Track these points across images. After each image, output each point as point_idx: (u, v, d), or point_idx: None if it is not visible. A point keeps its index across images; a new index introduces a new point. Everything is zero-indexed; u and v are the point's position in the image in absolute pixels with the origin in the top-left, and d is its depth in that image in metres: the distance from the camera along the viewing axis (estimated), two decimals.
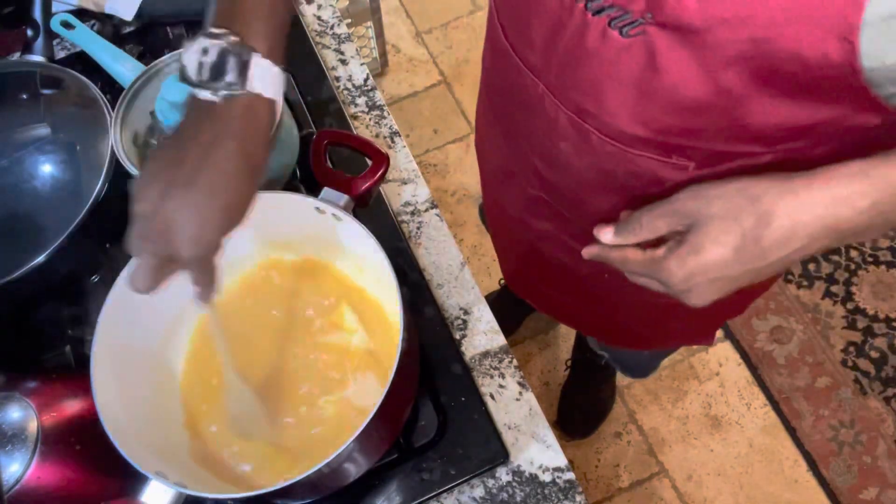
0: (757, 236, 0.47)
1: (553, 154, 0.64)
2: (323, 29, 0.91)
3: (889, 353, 1.54)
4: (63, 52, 0.92)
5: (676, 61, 0.46)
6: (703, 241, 0.49)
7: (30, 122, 0.78)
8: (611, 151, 0.57)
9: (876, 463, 1.44)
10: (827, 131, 0.48)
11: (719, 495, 1.43)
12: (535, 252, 0.84)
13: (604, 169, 0.59)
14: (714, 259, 0.48)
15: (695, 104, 0.48)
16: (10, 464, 0.56)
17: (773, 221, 0.46)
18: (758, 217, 0.46)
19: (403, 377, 0.55)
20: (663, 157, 0.55)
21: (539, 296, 0.98)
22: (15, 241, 0.75)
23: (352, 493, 0.64)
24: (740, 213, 0.47)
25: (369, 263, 0.66)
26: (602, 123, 0.55)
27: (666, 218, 0.52)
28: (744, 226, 0.47)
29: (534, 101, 0.61)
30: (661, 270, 0.52)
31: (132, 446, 0.52)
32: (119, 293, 0.58)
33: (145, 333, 0.62)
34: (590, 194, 0.65)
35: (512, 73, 0.62)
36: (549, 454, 0.66)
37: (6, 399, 0.58)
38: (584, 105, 0.55)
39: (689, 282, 0.50)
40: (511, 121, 0.70)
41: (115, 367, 0.57)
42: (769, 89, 0.45)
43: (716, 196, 0.49)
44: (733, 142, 0.51)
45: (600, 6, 0.48)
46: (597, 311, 0.90)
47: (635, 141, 0.54)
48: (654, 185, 0.58)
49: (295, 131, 0.77)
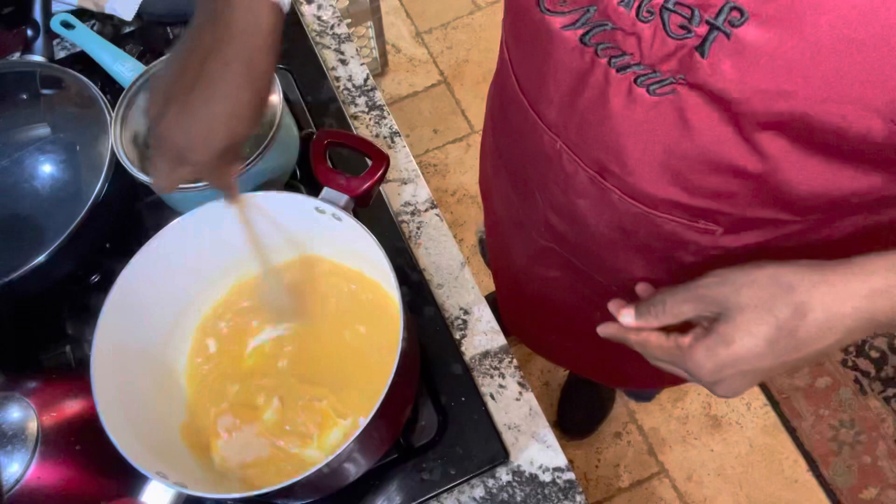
0: (792, 328, 0.43)
1: (568, 209, 0.61)
2: (323, 29, 0.91)
3: (889, 353, 1.54)
4: (63, 52, 0.92)
5: (709, 121, 0.44)
6: (735, 333, 0.45)
7: (30, 122, 0.78)
8: (634, 212, 0.54)
9: (876, 463, 1.44)
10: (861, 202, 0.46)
11: (719, 495, 1.43)
12: (540, 298, 0.80)
13: (625, 229, 0.57)
14: (746, 351, 0.45)
15: (726, 165, 0.46)
16: (10, 464, 0.56)
17: (809, 314, 0.43)
18: (794, 308, 0.43)
19: (403, 377, 0.55)
20: (690, 221, 0.52)
21: (533, 338, 0.96)
22: (15, 241, 0.75)
23: (352, 493, 0.64)
24: (774, 304, 0.44)
25: (369, 263, 0.66)
26: (625, 184, 0.53)
27: (692, 303, 0.48)
28: (778, 317, 0.44)
29: (550, 156, 0.58)
30: (687, 360, 0.48)
31: (132, 446, 0.52)
32: (119, 293, 0.58)
33: (145, 333, 0.62)
34: (608, 251, 0.62)
35: (527, 126, 0.59)
36: (549, 454, 0.66)
37: (6, 399, 0.58)
38: (607, 164, 0.53)
39: (719, 374, 0.47)
40: (523, 172, 0.67)
41: (115, 367, 0.57)
42: (806, 155, 0.43)
43: (746, 284, 0.45)
44: (765, 207, 0.48)
45: (626, 63, 0.45)
46: (600, 358, 0.87)
47: (661, 203, 0.52)
48: (679, 249, 0.56)
49: (295, 131, 0.77)
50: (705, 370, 0.47)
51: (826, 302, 0.43)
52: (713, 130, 0.44)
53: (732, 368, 0.46)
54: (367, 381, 0.64)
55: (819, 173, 0.44)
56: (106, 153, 0.70)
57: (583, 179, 0.56)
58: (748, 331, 0.45)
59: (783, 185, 0.45)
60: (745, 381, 0.47)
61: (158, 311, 0.63)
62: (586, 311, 0.73)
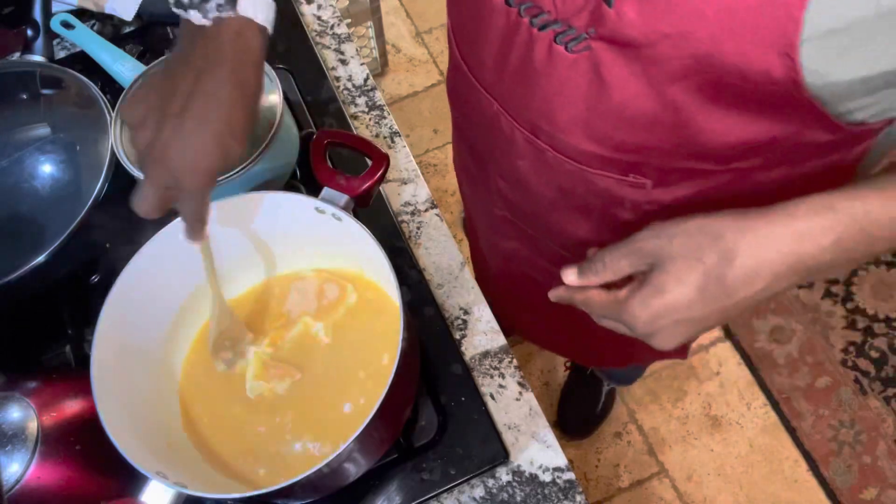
0: (720, 275, 0.44)
1: (513, 173, 0.63)
2: (323, 29, 0.91)
3: (889, 353, 1.54)
4: (63, 52, 0.92)
5: (623, 77, 0.45)
6: (666, 281, 0.46)
7: (30, 122, 0.78)
8: (568, 170, 0.56)
9: (876, 463, 1.44)
10: (782, 149, 0.47)
11: (719, 495, 1.43)
12: (506, 274, 0.83)
13: (562, 188, 0.59)
14: (678, 299, 0.46)
15: (644, 120, 0.47)
16: (10, 464, 0.56)
17: (736, 259, 0.44)
18: (721, 255, 0.44)
19: (403, 377, 0.55)
20: (620, 176, 0.54)
21: (510, 316, 0.97)
22: (15, 241, 0.75)
23: (352, 493, 0.64)
24: (702, 251, 0.45)
25: (369, 263, 0.66)
26: (556, 141, 0.54)
27: (628, 258, 0.49)
28: (706, 264, 0.44)
29: (491, 119, 0.60)
30: (623, 312, 0.49)
31: (132, 446, 0.52)
32: (119, 293, 0.58)
33: (145, 333, 0.62)
34: (552, 213, 0.64)
35: (470, 92, 0.61)
36: (549, 454, 0.66)
37: (6, 399, 0.58)
38: (538, 122, 0.55)
39: (654, 324, 0.48)
40: (474, 141, 0.69)
41: (115, 367, 0.57)
42: (716, 105, 0.44)
43: (677, 234, 0.46)
44: (687, 158, 0.49)
45: (545, 21, 0.47)
46: (568, 332, 0.89)
47: (590, 158, 0.53)
48: (615, 204, 0.57)
49: (295, 131, 0.77)
50: (640, 321, 0.48)
51: (752, 247, 0.44)
52: (627, 86, 0.46)
53: (666, 318, 0.47)
54: (368, 382, 0.64)
55: (732, 122, 0.45)
56: (106, 153, 0.70)
57: (520, 140, 0.58)
58: (678, 279, 0.46)
59: (699, 136, 0.47)
60: (680, 331, 0.48)
61: (158, 311, 0.63)
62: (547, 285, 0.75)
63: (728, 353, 1.56)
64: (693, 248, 0.45)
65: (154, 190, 0.50)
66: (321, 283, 0.68)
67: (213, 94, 0.48)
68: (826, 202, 0.43)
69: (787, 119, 0.44)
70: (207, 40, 0.48)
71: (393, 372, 0.52)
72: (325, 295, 0.68)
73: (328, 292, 0.68)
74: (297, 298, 0.68)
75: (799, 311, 1.58)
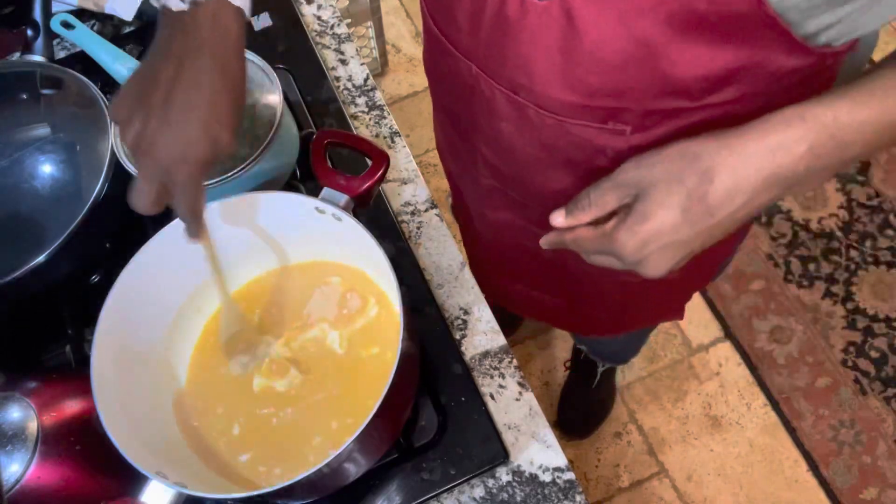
0: (702, 194, 0.46)
1: (496, 137, 0.64)
2: (323, 29, 0.91)
3: (889, 353, 1.54)
4: (63, 52, 0.92)
5: (593, 18, 0.46)
6: (650, 207, 0.48)
7: (30, 122, 0.78)
8: (549, 124, 0.57)
9: (876, 463, 1.44)
10: (751, 79, 0.48)
11: (719, 495, 1.43)
12: (497, 246, 0.84)
13: (546, 144, 0.59)
14: (663, 223, 0.47)
15: (617, 59, 0.48)
16: (10, 464, 0.56)
17: (716, 178, 0.46)
18: (700, 175, 0.46)
19: (403, 377, 0.55)
20: (599, 124, 0.54)
21: (506, 292, 0.98)
22: (15, 241, 0.75)
23: (352, 493, 0.64)
24: (683, 174, 0.46)
25: (369, 263, 0.66)
26: (536, 95, 0.55)
27: (613, 191, 0.50)
28: (687, 185, 0.46)
29: (471, 84, 0.61)
30: (612, 243, 0.50)
31: (132, 446, 0.52)
32: (119, 293, 0.58)
33: (146, 333, 0.62)
34: (537, 174, 0.64)
35: (446, 58, 0.62)
36: (549, 454, 0.66)
37: (6, 399, 0.58)
38: (517, 79, 0.55)
39: (642, 251, 0.49)
40: (455, 111, 0.69)
41: (115, 367, 0.57)
42: (685, 35, 0.45)
43: (657, 161, 0.48)
44: (661, 97, 0.50)
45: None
46: (564, 299, 0.90)
47: (570, 109, 0.54)
48: (597, 156, 0.58)
49: (295, 131, 0.77)
50: (629, 249, 0.49)
51: (730, 164, 0.45)
52: (598, 26, 0.47)
53: (654, 243, 0.48)
54: (368, 381, 0.64)
55: (701, 52, 0.46)
56: (106, 153, 0.70)
57: (501, 101, 0.58)
58: (662, 203, 0.47)
59: (670, 70, 0.48)
60: (668, 256, 0.49)
61: (158, 311, 0.63)
62: (538, 252, 0.76)
63: (728, 353, 1.56)
64: (673, 173, 0.47)
65: (148, 185, 0.50)
66: (345, 291, 0.68)
67: (194, 81, 0.48)
68: (796, 112, 0.44)
69: (754, 44, 0.46)
70: (185, 27, 0.48)
71: (393, 372, 0.52)
72: (347, 304, 0.67)
73: (350, 301, 0.67)
74: (319, 302, 0.68)
75: (799, 311, 1.58)
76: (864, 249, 1.64)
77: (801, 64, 0.48)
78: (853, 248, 1.64)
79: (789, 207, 1.69)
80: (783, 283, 1.61)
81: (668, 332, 1.58)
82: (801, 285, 1.61)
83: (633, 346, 1.32)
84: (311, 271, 0.69)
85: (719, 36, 0.45)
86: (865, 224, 1.66)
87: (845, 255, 1.64)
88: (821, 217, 1.68)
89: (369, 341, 0.65)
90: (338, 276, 0.68)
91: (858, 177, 1.71)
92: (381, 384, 0.51)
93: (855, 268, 1.62)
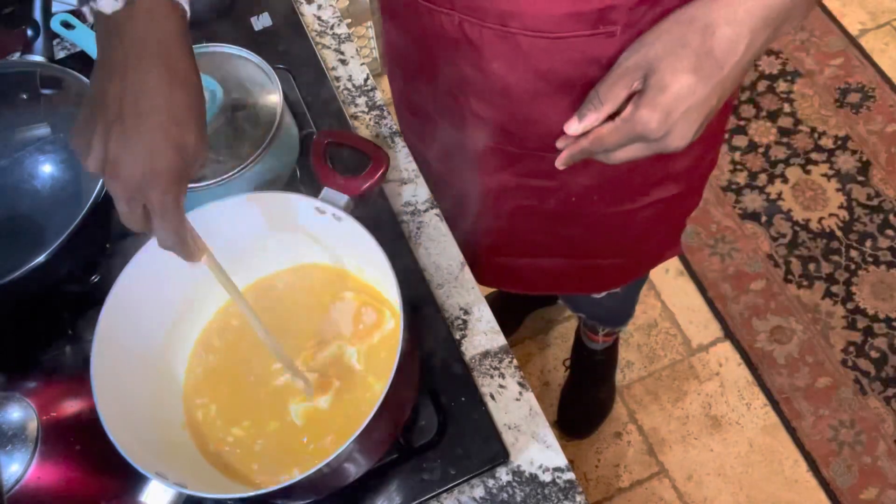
0: (708, 49, 0.49)
1: (488, 85, 0.64)
2: (323, 29, 0.91)
3: (889, 353, 1.54)
4: (63, 52, 0.92)
5: None
6: (664, 78, 0.50)
7: (30, 122, 0.78)
8: (542, 47, 0.58)
9: (876, 463, 1.44)
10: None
11: (719, 495, 1.43)
12: (498, 216, 0.83)
13: (539, 72, 0.60)
14: (680, 88, 0.50)
15: None
16: (10, 464, 0.56)
17: (717, 30, 0.48)
18: (701, 32, 0.49)
19: (403, 377, 0.55)
20: (590, 31, 0.55)
21: (510, 271, 0.97)
22: (15, 241, 0.75)
23: (352, 493, 0.64)
24: (685, 38, 0.49)
25: (369, 263, 0.66)
26: (526, 20, 0.56)
27: (621, 79, 0.52)
28: (693, 46, 0.49)
29: (456, 36, 0.61)
30: (636, 124, 0.52)
31: (132, 446, 0.52)
32: (119, 294, 0.58)
33: (145, 334, 0.62)
34: (534, 109, 0.65)
35: (424, 18, 0.62)
36: (549, 454, 0.66)
37: (6, 399, 0.58)
38: (504, 8, 0.56)
39: (668, 121, 0.51)
40: (436, 80, 0.69)
41: (115, 367, 0.57)
42: None
43: (655, 38, 0.51)
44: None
45: None
46: (568, 257, 0.90)
47: (560, 22, 0.55)
48: (591, 68, 0.58)
49: (295, 131, 0.77)
50: (654, 124, 0.51)
51: (724, 15, 0.48)
52: None
53: (677, 110, 0.51)
54: (367, 381, 0.64)
55: None
56: None
57: (490, 40, 0.59)
58: (674, 70, 0.50)
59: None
60: (693, 119, 0.51)
61: (158, 311, 0.63)
62: (541, 207, 0.77)
63: (728, 353, 1.56)
64: (676, 39, 0.50)
65: (127, 207, 0.46)
66: (360, 306, 0.67)
67: (142, 86, 0.44)
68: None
69: None
70: (121, 31, 0.45)
71: (393, 372, 0.52)
72: (363, 319, 0.66)
73: (365, 316, 0.66)
74: (335, 318, 0.67)
75: (799, 311, 1.58)
76: (864, 249, 1.64)
77: None
78: (853, 248, 1.64)
79: (789, 207, 1.69)
80: (783, 283, 1.61)
81: (668, 333, 1.58)
82: (801, 285, 1.61)
83: (629, 303, 1.33)
84: (312, 272, 0.69)
85: None
86: (865, 224, 1.66)
87: (845, 255, 1.64)
88: (821, 217, 1.68)
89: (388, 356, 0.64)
90: (351, 291, 0.67)
91: (858, 177, 1.71)
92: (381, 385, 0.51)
93: (855, 268, 1.62)
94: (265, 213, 0.64)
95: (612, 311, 1.32)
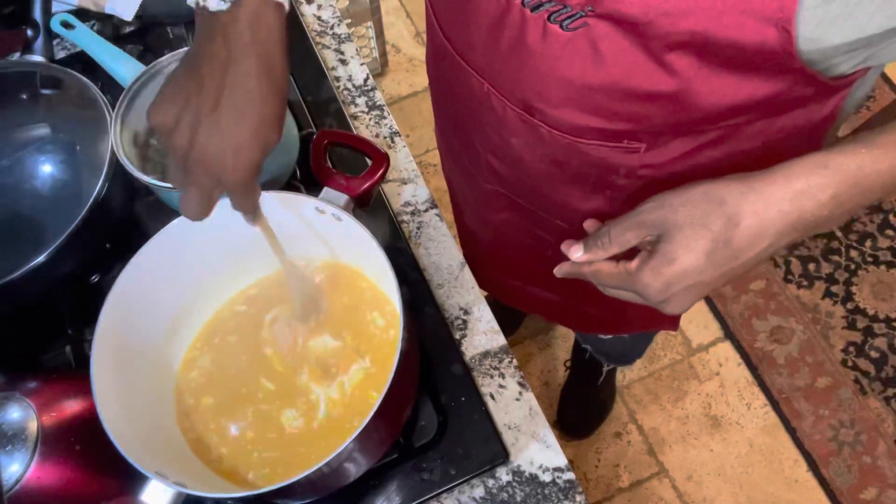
0: (728, 238, 0.46)
1: (505, 150, 0.64)
2: (323, 29, 0.91)
3: (889, 353, 1.54)
4: (63, 52, 0.92)
5: (620, 50, 0.47)
6: (676, 250, 0.48)
7: (30, 122, 0.78)
8: (562, 143, 0.57)
9: (876, 463, 1.44)
10: (768, 105, 0.49)
11: (719, 495, 1.43)
12: (496, 244, 0.84)
13: (557, 161, 0.60)
14: (688, 266, 0.48)
15: (641, 90, 0.49)
16: (10, 464, 0.55)
17: (742, 222, 0.46)
18: (726, 220, 0.46)
19: (403, 377, 0.55)
20: (614, 143, 0.55)
21: (504, 287, 0.98)
22: (15, 241, 0.75)
23: (352, 493, 0.64)
24: (708, 218, 0.47)
25: (369, 263, 0.66)
26: (550, 118, 0.55)
27: (634, 230, 0.51)
28: (713, 230, 0.47)
29: (481, 99, 0.61)
30: (636, 283, 0.50)
31: (132, 446, 0.52)
32: (119, 293, 0.58)
33: (145, 333, 0.62)
34: (546, 187, 0.65)
35: (456, 72, 0.62)
36: (549, 454, 0.66)
37: (6, 399, 0.58)
38: (532, 101, 0.55)
39: (667, 292, 0.50)
40: (461, 120, 0.70)
41: (115, 367, 0.57)
42: (712, 68, 0.46)
43: (681, 203, 0.48)
44: (681, 122, 0.51)
45: (538, 2, 0.48)
46: (562, 295, 0.90)
47: (585, 131, 0.55)
48: (609, 172, 0.58)
49: (295, 131, 0.76)
50: (653, 289, 0.50)
51: (755, 209, 0.46)
52: (625, 58, 0.47)
53: (678, 285, 0.49)
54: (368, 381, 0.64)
55: (726, 84, 0.47)
56: (106, 153, 0.70)
57: (513, 118, 0.59)
58: (688, 247, 0.47)
59: (694, 99, 0.48)
60: (691, 296, 0.50)
61: (158, 311, 0.63)
62: (539, 251, 0.76)
63: (728, 353, 1.56)
64: (699, 216, 0.47)
65: (199, 193, 0.50)
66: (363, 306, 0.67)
67: (242, 87, 0.47)
68: (820, 161, 0.45)
69: (778, 78, 0.47)
70: (226, 29, 0.47)
71: (393, 372, 0.52)
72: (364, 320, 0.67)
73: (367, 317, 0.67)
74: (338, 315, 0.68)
75: (799, 311, 1.58)
76: (864, 249, 1.64)
77: (817, 91, 0.49)
78: (853, 248, 1.64)
79: None
80: (783, 283, 1.61)
81: (667, 332, 1.58)
82: (801, 285, 1.61)
83: (638, 347, 1.32)
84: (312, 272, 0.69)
85: (746, 69, 0.46)
86: (865, 224, 1.66)
87: (845, 255, 1.64)
88: None
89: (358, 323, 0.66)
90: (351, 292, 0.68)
91: None
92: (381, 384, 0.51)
93: (855, 268, 1.62)
94: (265, 213, 0.64)
95: (617, 349, 1.32)
